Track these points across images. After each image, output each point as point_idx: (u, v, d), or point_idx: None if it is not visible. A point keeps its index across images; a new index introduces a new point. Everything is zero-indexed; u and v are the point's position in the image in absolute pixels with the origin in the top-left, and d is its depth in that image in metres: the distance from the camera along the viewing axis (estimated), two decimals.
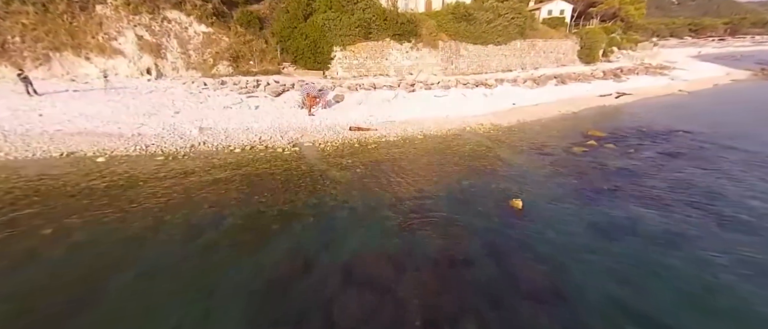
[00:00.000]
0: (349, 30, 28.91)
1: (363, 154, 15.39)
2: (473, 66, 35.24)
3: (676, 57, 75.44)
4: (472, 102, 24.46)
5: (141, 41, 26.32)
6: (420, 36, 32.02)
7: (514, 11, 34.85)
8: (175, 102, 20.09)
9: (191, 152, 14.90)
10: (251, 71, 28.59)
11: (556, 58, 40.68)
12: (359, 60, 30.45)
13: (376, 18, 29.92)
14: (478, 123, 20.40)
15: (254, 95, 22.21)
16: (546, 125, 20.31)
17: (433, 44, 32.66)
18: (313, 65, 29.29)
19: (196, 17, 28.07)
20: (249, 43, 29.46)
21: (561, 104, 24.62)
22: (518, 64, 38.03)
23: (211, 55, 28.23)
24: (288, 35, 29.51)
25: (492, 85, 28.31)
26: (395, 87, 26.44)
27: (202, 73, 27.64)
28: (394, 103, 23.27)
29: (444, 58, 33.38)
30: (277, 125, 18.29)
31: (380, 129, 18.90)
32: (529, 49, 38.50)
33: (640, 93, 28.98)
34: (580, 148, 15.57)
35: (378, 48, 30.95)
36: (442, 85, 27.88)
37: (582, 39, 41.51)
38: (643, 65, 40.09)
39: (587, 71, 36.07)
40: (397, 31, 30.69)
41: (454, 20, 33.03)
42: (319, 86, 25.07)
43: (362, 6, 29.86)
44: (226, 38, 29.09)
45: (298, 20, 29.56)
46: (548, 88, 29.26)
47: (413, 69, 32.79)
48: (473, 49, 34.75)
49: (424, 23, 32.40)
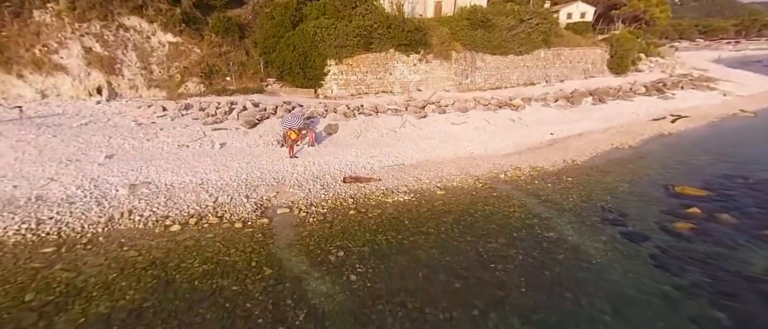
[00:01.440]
0: (347, 40, 23.98)
1: (361, 233, 10.41)
2: (491, 79, 30.30)
3: (697, 62, 70.57)
4: (499, 131, 19.50)
5: (89, 54, 21.44)
6: (430, 46, 27.11)
7: (538, 16, 29.94)
8: (113, 139, 15.15)
9: (104, 233, 9.95)
10: (228, 89, 23.67)
11: (583, 68, 35.71)
12: (358, 75, 25.52)
13: (378, 25, 25.01)
14: (513, 166, 15.41)
15: (222, 127, 17.27)
16: (605, 170, 15.27)
17: (446, 55, 27.74)
18: (303, 82, 24.37)
19: (161, 24, 23.21)
20: (226, 55, 24.55)
21: (611, 134, 19.63)
22: (542, 76, 33.09)
23: (179, 70, 23.33)
24: (273, 46, 24.61)
25: (519, 105, 23.36)
26: (402, 110, 21.50)
27: (166, 93, 22.76)
28: (402, 135, 18.32)
29: (458, 71, 28.46)
30: (245, 175, 13.33)
31: (385, 177, 13.94)
32: (554, 59, 33.55)
33: (697, 115, 23.98)
34: (683, 224, 10.48)
35: (380, 61, 26.02)
36: (458, 106, 22.93)
37: (612, 47, 36.56)
38: (687, 77, 35.09)
39: (624, 85, 31.09)
40: (403, 40, 25.78)
41: (470, 27, 28.13)
42: (307, 111, 20.12)
43: (362, 11, 24.96)
44: (197, 50, 24.20)
45: (285, 28, 24.66)
46: (586, 109, 24.30)
47: (422, 84, 27.86)
48: (491, 60, 29.81)
49: (434, 31, 27.49)
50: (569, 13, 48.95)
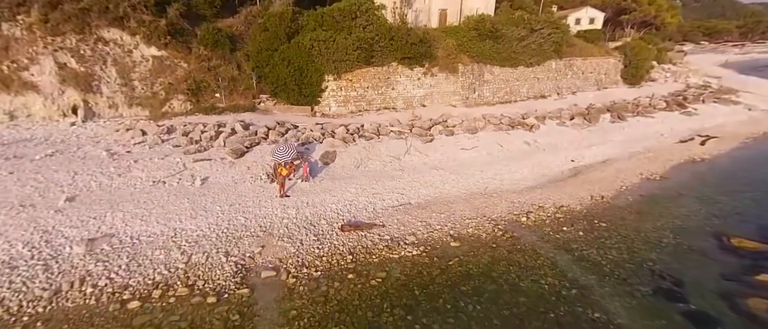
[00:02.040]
0: (346, 54, 22.12)
1: (362, 311, 8.54)
2: (500, 93, 28.44)
3: (706, 66, 68.60)
4: (513, 158, 17.62)
5: (64, 71, 19.56)
6: (435, 59, 25.24)
7: (550, 25, 28.07)
8: (79, 176, 13.27)
9: (45, 314, 8.07)
10: (217, 107, 21.79)
11: (596, 79, 33.85)
12: (358, 91, 23.65)
13: (380, 38, 23.15)
14: (535, 204, 13.53)
15: (206, 157, 15.36)
16: (640, 210, 13.37)
17: (452, 68, 25.87)
18: (299, 99, 22.49)
19: (144, 37, 21.33)
20: (215, 70, 22.66)
21: (638, 161, 17.76)
22: (553, 88, 31.23)
23: (164, 86, 21.45)
24: (266, 60, 22.73)
25: (532, 124, 21.47)
26: (406, 133, 19.61)
27: (149, 111, 20.88)
28: (407, 164, 16.44)
29: (465, 84, 26.59)
30: (227, 223, 11.45)
31: (389, 221, 12.07)
32: (565, 70, 31.69)
33: (726, 135, 22.10)
34: (757, 302, 8.62)
35: (382, 75, 24.16)
36: (467, 125, 21.04)
37: (626, 56, 34.69)
38: (707, 90, 33.13)
39: (642, 98, 29.21)
40: (406, 53, 23.91)
41: (478, 38, 26.26)
42: (302, 136, 18.22)
43: (362, 23, 23.07)
44: (184, 64, 22.32)
45: (280, 41, 22.78)
46: (605, 128, 22.41)
47: (426, 99, 26.00)
48: (500, 73, 27.95)
49: (440, 43, 25.62)
50: (578, 18, 47.02)
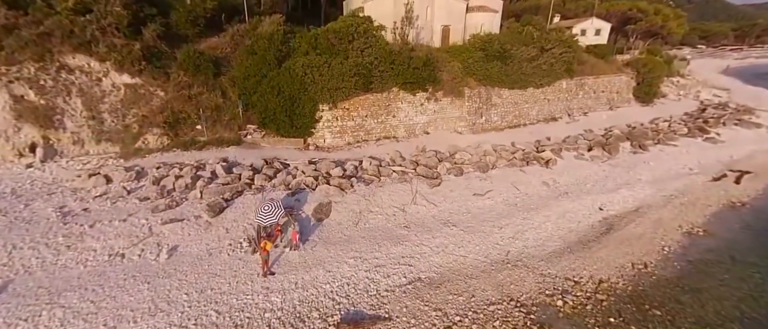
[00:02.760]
0: (342, 81, 19.91)
1: None
2: (508, 117, 26.37)
3: (709, 74, 67.30)
4: (533, 204, 15.48)
5: (20, 104, 17.15)
6: (439, 83, 23.12)
7: (562, 44, 26.08)
8: (16, 251, 10.88)
9: None
10: (197, 141, 19.46)
11: (608, 98, 31.94)
12: (356, 120, 21.43)
13: (379, 62, 20.99)
14: (569, 279, 11.38)
15: (177, 215, 13.01)
16: (693, 286, 11.23)
17: (458, 92, 23.76)
18: (290, 130, 20.22)
19: (116, 63, 18.98)
20: (196, 99, 20.30)
21: (673, 208, 15.70)
22: (564, 109, 29.24)
23: (137, 119, 19.07)
24: (254, 87, 20.46)
25: (549, 159, 19.37)
26: (410, 173, 17.39)
27: (120, 147, 18.51)
28: (414, 217, 14.22)
29: (471, 109, 24.47)
30: (194, 322, 9.14)
31: (395, 311, 9.86)
32: (576, 90, 29.73)
33: (758, 169, 20.10)
34: None
35: (382, 102, 21.98)
36: (478, 162, 18.89)
37: (638, 73, 32.83)
38: (727, 112, 31.22)
39: (659, 122, 27.27)
40: (408, 78, 21.77)
41: (485, 59, 24.18)
42: (293, 181, 15.91)
43: (360, 45, 20.88)
44: (161, 92, 19.96)
45: (269, 66, 20.53)
46: (628, 161, 20.35)
47: (430, 126, 23.85)
48: (509, 95, 25.89)
49: (444, 65, 23.50)
50: (583, 29, 45.22)
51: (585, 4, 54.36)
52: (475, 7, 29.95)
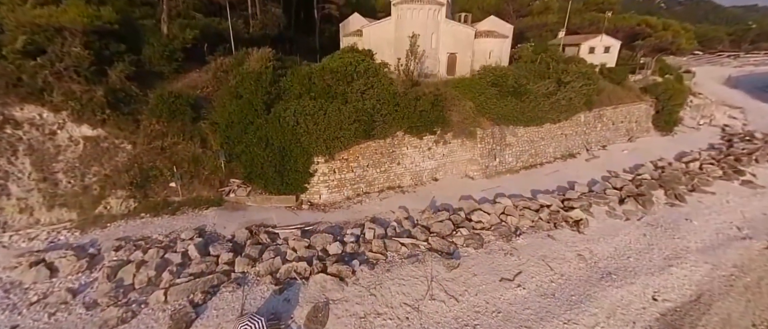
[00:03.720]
0: (340, 129, 17.26)
1: None
2: (524, 156, 23.84)
3: (714, 86, 65.50)
4: (574, 299, 12.83)
5: None
6: (449, 124, 20.56)
7: (582, 77, 23.64)
8: None
9: None
10: (171, 202, 16.65)
11: (627, 129, 29.61)
12: (356, 171, 18.75)
13: (382, 106, 18.38)
14: None
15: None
16: None
17: (469, 133, 21.19)
18: (279, 187, 17.48)
19: (74, 113, 16.17)
20: (171, 150, 17.54)
21: (737, 295, 13.22)
22: (582, 143, 26.81)
23: (99, 179, 16.23)
24: (238, 136, 17.73)
25: (579, 219, 16.81)
26: (422, 247, 14.70)
27: (77, 214, 15.65)
28: (430, 318, 11.53)
29: (484, 151, 21.90)
30: None
31: None
32: (595, 122, 27.34)
33: None
34: None
35: (385, 149, 19.34)
36: (498, 226, 16.25)
37: (658, 100, 30.56)
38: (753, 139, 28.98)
39: (687, 160, 24.87)
40: (415, 122, 19.18)
41: (499, 96, 21.65)
42: (282, 268, 13.12)
43: (360, 87, 18.23)
44: (128, 145, 17.13)
45: (256, 112, 17.81)
46: (668, 220, 17.82)
47: (439, 171, 21.24)
48: (524, 133, 23.38)
49: (454, 105, 20.92)
50: (592, 47, 43.03)
51: (590, 17, 52.19)
52: (483, 33, 27.54)
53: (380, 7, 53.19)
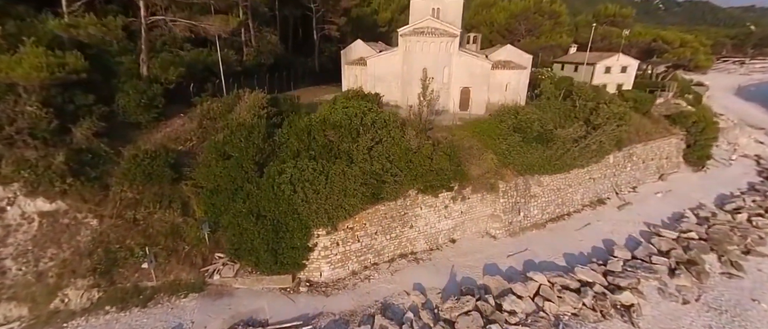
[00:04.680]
0: (345, 196, 14.64)
1: None
2: (550, 207, 21.21)
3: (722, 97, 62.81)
4: None
5: None
6: (467, 178, 17.96)
7: (615, 118, 21.05)
8: None
9: None
10: (143, 288, 13.99)
11: (657, 166, 27.01)
12: (363, 241, 16.08)
13: (392, 165, 15.78)
14: None
15: None
16: None
17: (491, 186, 18.59)
18: (273, 266, 14.78)
19: (27, 184, 13.57)
20: (144, 223, 14.90)
21: None
22: (610, 186, 24.21)
23: (56, 263, 13.55)
24: (225, 204, 15.10)
25: (631, 305, 14.16)
26: None
27: (29, 310, 12.97)
28: None
29: (507, 206, 19.27)
30: None
31: None
32: (624, 163, 24.76)
33: None
34: None
35: (396, 212, 16.70)
36: (534, 314, 13.60)
37: (689, 133, 28.01)
38: None
39: (731, 208, 22.24)
40: (430, 181, 16.57)
41: (523, 144, 19.06)
42: None
43: (367, 143, 15.62)
44: (93, 220, 14.46)
45: (246, 175, 15.19)
46: (727, 296, 15.23)
47: (456, 231, 18.60)
48: (550, 182, 20.77)
49: (474, 156, 18.33)
50: (608, 66, 40.59)
51: (602, 31, 49.66)
52: (500, 64, 25.01)
53: (382, 22, 50.92)
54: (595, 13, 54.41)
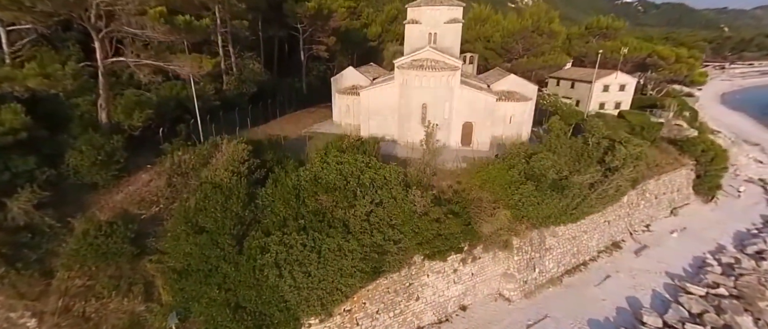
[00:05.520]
0: (341, 276, 12.36)
1: None
2: (566, 258, 19.32)
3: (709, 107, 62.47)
4: None
5: None
6: (478, 237, 15.90)
7: (631, 159, 19.36)
8: None
9: None
10: None
11: (669, 200, 25.56)
12: (363, 323, 13.77)
13: (395, 229, 13.56)
14: None
15: None
16: None
17: (505, 244, 16.57)
18: None
19: None
20: (98, 315, 12.27)
21: None
22: (624, 226, 22.56)
23: None
24: (197, 289, 12.60)
25: None
26: None
27: None
28: None
29: (521, 263, 17.28)
30: None
31: None
32: (638, 200, 23.17)
33: None
34: None
35: (400, 284, 14.45)
36: None
37: (698, 163, 26.68)
38: None
39: (756, 253, 20.80)
40: (438, 246, 14.42)
41: (538, 193, 17.09)
42: None
43: (366, 206, 13.35)
44: (30, 321, 11.81)
45: (222, 253, 12.72)
46: None
47: (467, 296, 16.49)
48: (565, 231, 18.91)
49: (484, 211, 16.24)
50: (606, 85, 39.54)
51: (596, 46, 48.65)
52: (504, 95, 23.14)
53: (372, 36, 48.87)
54: (588, 25, 53.49)
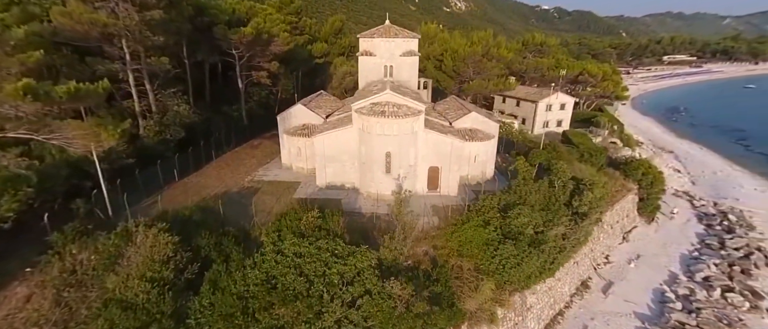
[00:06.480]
0: None
1: None
2: (545, 311, 18.41)
3: (627, 115, 68.47)
4: None
5: None
6: (462, 315, 14.11)
7: (598, 203, 19.16)
8: None
9: None
10: None
11: (621, 227, 26.51)
12: None
13: None
14: None
15: None
16: None
17: (489, 318, 15.01)
18: None
19: None
20: None
21: None
22: (589, 263, 22.63)
23: None
24: None
25: None
26: None
27: None
28: None
29: None
30: None
31: None
32: (598, 234, 23.39)
33: None
34: None
35: None
36: None
37: (640, 187, 28.15)
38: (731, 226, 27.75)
39: (704, 279, 21.97)
40: None
41: (517, 253, 15.81)
42: None
43: (334, 316, 10.68)
44: None
45: None
46: None
47: None
48: (542, 286, 17.97)
49: (466, 284, 14.50)
50: (549, 104, 41.24)
51: (536, 63, 50.93)
52: (467, 134, 21.89)
53: (318, 52, 45.81)
54: (524, 41, 56.16)
